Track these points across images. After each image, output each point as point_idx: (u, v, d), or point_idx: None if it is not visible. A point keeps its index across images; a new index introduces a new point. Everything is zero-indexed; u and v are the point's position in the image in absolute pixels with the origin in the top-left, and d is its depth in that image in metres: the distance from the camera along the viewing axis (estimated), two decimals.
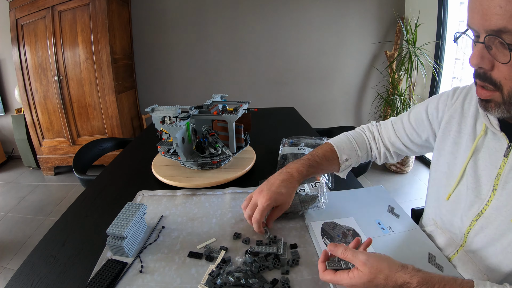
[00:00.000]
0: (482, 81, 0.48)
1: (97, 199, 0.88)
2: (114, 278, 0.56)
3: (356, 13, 3.01)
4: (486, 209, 0.55)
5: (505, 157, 0.53)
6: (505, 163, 0.53)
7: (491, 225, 0.54)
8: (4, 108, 3.25)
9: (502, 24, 0.41)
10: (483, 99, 0.50)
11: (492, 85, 0.47)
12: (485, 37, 0.44)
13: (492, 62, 0.46)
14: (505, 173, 0.53)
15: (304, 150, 1.08)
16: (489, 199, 0.55)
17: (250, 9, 3.01)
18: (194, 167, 1.00)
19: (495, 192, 0.54)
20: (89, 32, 2.54)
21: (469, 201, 0.59)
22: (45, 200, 2.49)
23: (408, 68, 2.70)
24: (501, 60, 0.44)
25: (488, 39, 0.44)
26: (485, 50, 0.45)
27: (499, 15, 0.41)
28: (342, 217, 0.73)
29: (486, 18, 0.43)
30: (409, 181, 2.58)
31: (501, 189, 0.53)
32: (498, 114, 0.49)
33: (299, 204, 0.76)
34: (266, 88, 3.30)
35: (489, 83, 0.47)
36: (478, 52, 0.46)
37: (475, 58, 0.46)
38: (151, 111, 0.97)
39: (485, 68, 0.47)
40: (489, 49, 0.45)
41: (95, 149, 1.53)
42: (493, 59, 0.45)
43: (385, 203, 0.79)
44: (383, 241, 0.64)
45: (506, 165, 0.53)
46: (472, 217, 0.58)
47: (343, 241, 0.64)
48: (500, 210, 0.53)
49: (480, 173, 0.57)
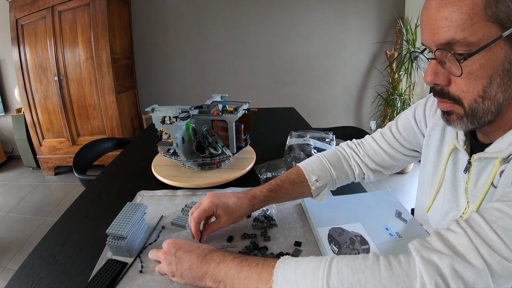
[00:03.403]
0: (441, 98, 0.47)
1: (97, 199, 0.88)
2: (114, 278, 0.56)
3: (356, 13, 3.01)
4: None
5: (467, 173, 0.53)
6: (469, 178, 0.52)
7: None
8: (4, 108, 3.25)
9: (449, 36, 0.41)
10: (444, 111, 0.49)
11: (451, 100, 0.46)
12: (435, 51, 0.44)
13: (447, 77, 0.45)
14: (470, 188, 0.52)
15: (309, 141, 1.10)
16: (464, 211, 0.54)
17: (250, 9, 3.02)
18: (194, 167, 1.00)
19: (469, 204, 0.54)
20: (89, 32, 2.54)
21: (444, 211, 0.58)
22: (45, 200, 2.49)
23: (408, 68, 2.70)
24: (455, 73, 0.43)
25: (439, 53, 0.44)
26: (438, 66, 0.45)
27: (445, 27, 0.41)
28: (348, 222, 0.71)
29: (434, 32, 0.42)
30: (409, 181, 2.58)
31: (471, 202, 0.53)
32: (461, 127, 0.47)
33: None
34: (266, 88, 3.30)
35: (448, 98, 0.46)
36: (431, 69, 0.45)
37: (429, 75, 0.45)
38: (151, 111, 0.97)
39: (442, 84, 0.46)
40: (443, 64, 0.44)
41: (95, 149, 1.52)
42: (448, 73, 0.44)
43: (392, 207, 0.77)
44: (391, 247, 0.63)
45: (470, 181, 0.52)
46: (445, 227, 0.58)
47: (350, 247, 0.63)
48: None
49: (457, 184, 0.57)
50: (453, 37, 0.40)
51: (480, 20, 0.39)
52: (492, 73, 0.41)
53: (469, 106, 0.45)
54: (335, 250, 0.62)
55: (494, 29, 0.39)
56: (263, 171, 0.97)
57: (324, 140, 1.14)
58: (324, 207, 0.77)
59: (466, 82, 0.43)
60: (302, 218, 0.75)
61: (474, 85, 0.43)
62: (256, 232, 0.70)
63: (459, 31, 0.40)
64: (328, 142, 1.13)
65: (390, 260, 0.39)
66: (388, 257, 0.40)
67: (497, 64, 0.41)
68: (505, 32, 0.39)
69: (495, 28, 0.39)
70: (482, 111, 0.44)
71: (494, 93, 0.42)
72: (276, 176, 0.92)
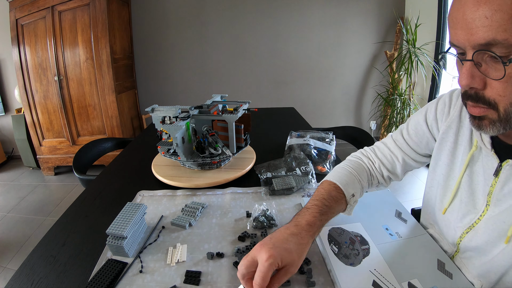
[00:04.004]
0: (475, 102, 0.45)
1: (97, 199, 0.88)
2: (114, 278, 0.56)
3: (356, 13, 3.01)
4: (478, 222, 0.55)
5: (496, 176, 0.52)
6: (496, 181, 0.52)
7: (480, 238, 0.54)
8: (4, 108, 3.25)
9: (490, 36, 0.38)
10: (475, 116, 0.46)
11: (486, 104, 0.43)
12: (474, 53, 0.41)
13: (483, 80, 0.42)
14: (496, 191, 0.52)
15: (309, 141, 1.10)
16: (482, 213, 0.54)
17: (250, 9, 3.02)
18: (194, 167, 1.00)
19: (488, 208, 0.53)
20: (89, 32, 2.54)
21: (461, 213, 0.58)
22: (45, 200, 2.49)
23: (408, 68, 2.70)
24: (494, 77, 0.41)
25: (477, 55, 0.40)
26: (474, 68, 0.42)
27: (485, 26, 0.38)
28: (349, 222, 0.71)
29: (472, 32, 0.39)
30: (409, 181, 2.58)
31: (493, 205, 0.53)
32: (493, 132, 0.45)
33: (293, 180, 0.87)
34: (266, 88, 3.30)
35: (483, 103, 0.44)
36: (467, 71, 0.42)
37: (465, 78, 0.42)
38: (151, 111, 0.97)
39: (477, 88, 0.43)
40: (479, 66, 0.42)
41: (95, 149, 1.52)
42: (484, 76, 0.42)
43: (392, 207, 0.78)
44: (391, 247, 0.64)
45: (497, 184, 0.52)
46: (463, 229, 0.58)
47: (350, 247, 0.63)
48: (489, 225, 0.53)
49: (474, 187, 0.56)
50: (494, 38, 0.37)
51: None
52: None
53: (504, 110, 0.42)
54: (335, 250, 0.62)
55: None
56: (263, 171, 0.97)
57: (324, 140, 1.15)
58: None
59: (504, 86, 0.40)
60: None
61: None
62: (256, 232, 0.70)
63: (500, 32, 0.37)
64: (328, 142, 1.13)
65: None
66: None
67: None
68: None
69: None
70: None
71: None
72: (276, 176, 0.93)
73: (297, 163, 1.00)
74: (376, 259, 0.60)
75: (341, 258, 0.60)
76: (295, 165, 0.99)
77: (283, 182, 0.88)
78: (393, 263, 0.59)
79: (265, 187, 0.89)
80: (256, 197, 0.85)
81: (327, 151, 1.08)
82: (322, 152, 1.08)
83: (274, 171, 0.97)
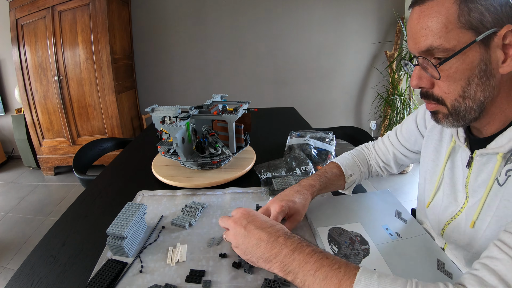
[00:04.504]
0: (426, 99, 0.53)
1: (97, 199, 0.88)
2: (114, 278, 0.56)
3: (356, 13, 3.01)
4: (459, 214, 0.58)
5: (469, 168, 0.56)
6: (470, 173, 0.56)
7: (459, 229, 0.58)
8: (4, 108, 3.25)
9: (428, 43, 0.46)
10: (431, 112, 0.54)
11: (435, 101, 0.51)
12: (417, 58, 0.49)
13: (431, 81, 0.50)
14: (471, 182, 0.56)
15: (309, 141, 1.11)
16: (462, 205, 0.58)
17: (250, 9, 3.02)
18: (194, 167, 1.00)
19: (468, 200, 0.57)
20: (89, 32, 2.54)
21: (444, 206, 0.62)
22: (45, 200, 2.49)
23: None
24: (435, 77, 0.48)
25: (421, 59, 0.49)
26: (422, 71, 0.50)
27: (424, 36, 0.46)
28: (348, 222, 0.71)
29: (416, 41, 0.48)
30: (409, 181, 2.58)
31: (471, 196, 0.56)
32: (448, 125, 0.52)
33: (293, 180, 0.89)
34: (266, 88, 3.30)
35: (433, 99, 0.51)
36: (416, 74, 0.50)
37: (414, 80, 0.51)
38: (151, 111, 0.97)
39: (426, 87, 0.51)
40: (426, 69, 0.49)
41: (95, 149, 1.52)
42: (431, 77, 0.49)
43: (392, 207, 0.77)
44: (391, 247, 0.64)
45: (471, 175, 0.55)
46: (445, 221, 0.61)
47: (350, 247, 0.63)
48: (468, 216, 0.56)
49: (455, 180, 0.61)
50: (431, 44, 0.46)
51: (455, 28, 0.43)
52: (469, 74, 0.46)
53: (451, 105, 0.49)
54: (335, 250, 0.62)
55: (468, 35, 0.43)
56: (263, 171, 0.97)
57: (324, 140, 1.15)
58: (324, 207, 0.77)
59: (447, 84, 0.48)
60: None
61: (454, 87, 0.47)
62: None
63: (436, 39, 0.45)
64: (328, 142, 1.13)
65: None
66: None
67: (473, 66, 0.45)
68: (478, 37, 0.43)
69: (469, 34, 0.43)
70: (464, 109, 0.49)
71: (474, 93, 0.47)
72: (276, 176, 0.93)
73: (297, 163, 1.00)
74: (376, 259, 0.60)
75: (341, 258, 0.60)
76: (295, 165, 0.99)
77: (283, 182, 0.88)
78: (393, 263, 0.59)
79: (265, 187, 0.89)
80: (256, 197, 0.85)
81: (327, 151, 1.08)
82: (322, 152, 1.08)
83: (274, 171, 0.97)
